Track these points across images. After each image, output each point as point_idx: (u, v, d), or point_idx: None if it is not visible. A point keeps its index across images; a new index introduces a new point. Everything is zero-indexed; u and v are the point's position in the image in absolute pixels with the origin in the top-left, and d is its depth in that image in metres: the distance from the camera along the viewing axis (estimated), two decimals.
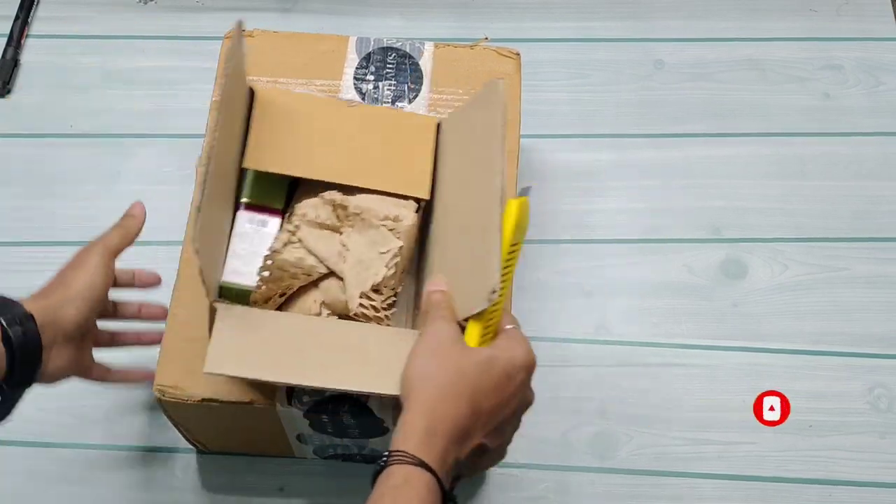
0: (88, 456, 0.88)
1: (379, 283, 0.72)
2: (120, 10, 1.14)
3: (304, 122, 0.78)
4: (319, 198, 0.75)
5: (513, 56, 0.87)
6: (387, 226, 0.74)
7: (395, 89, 0.84)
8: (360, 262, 0.72)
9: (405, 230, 0.73)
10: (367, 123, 0.80)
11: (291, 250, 0.72)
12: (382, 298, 0.72)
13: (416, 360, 0.62)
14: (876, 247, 0.97)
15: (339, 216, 0.74)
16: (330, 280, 0.73)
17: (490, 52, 0.87)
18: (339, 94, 0.84)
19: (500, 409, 0.61)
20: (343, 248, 0.73)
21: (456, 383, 0.59)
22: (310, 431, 0.76)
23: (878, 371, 0.91)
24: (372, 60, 0.86)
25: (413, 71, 0.85)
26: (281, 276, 0.72)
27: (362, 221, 0.74)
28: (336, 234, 0.74)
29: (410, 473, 0.56)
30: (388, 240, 0.73)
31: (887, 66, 1.09)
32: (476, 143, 0.73)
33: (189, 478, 0.87)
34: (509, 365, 0.61)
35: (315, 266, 0.72)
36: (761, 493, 0.86)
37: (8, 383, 0.65)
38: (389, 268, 0.72)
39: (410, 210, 0.75)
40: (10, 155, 1.04)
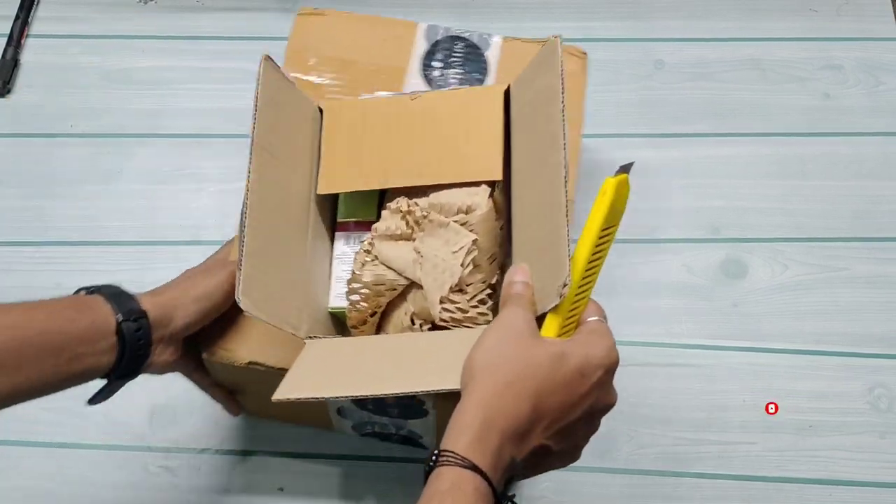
0: (88, 456, 0.88)
1: (457, 283, 0.69)
2: (120, 10, 1.14)
3: (371, 131, 0.77)
4: (388, 209, 0.74)
5: (579, 55, 0.87)
6: (459, 220, 0.70)
7: (461, 78, 0.85)
8: (435, 267, 0.70)
9: (478, 220, 0.70)
10: (432, 112, 0.77)
11: (370, 268, 0.72)
12: (468, 297, 0.69)
13: (480, 349, 0.57)
14: (876, 247, 0.97)
15: (408, 223, 0.72)
16: (415, 290, 0.72)
17: None
18: (404, 77, 0.84)
19: (569, 410, 0.56)
20: (417, 255, 0.71)
21: (519, 377, 0.55)
22: (351, 407, 0.77)
23: (878, 371, 0.91)
24: (440, 48, 0.87)
25: (479, 62, 0.86)
26: (366, 297, 0.72)
27: (430, 223, 0.71)
28: (409, 241, 0.72)
29: (459, 477, 0.52)
30: (460, 236, 0.70)
31: (887, 66, 1.09)
32: (538, 112, 0.69)
33: (189, 478, 0.87)
34: (584, 362, 0.56)
35: (395, 279, 0.71)
36: (761, 493, 0.86)
37: (114, 374, 0.67)
38: (465, 266, 0.69)
39: (483, 197, 0.71)
40: (10, 155, 1.04)
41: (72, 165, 1.03)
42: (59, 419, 0.89)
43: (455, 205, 0.71)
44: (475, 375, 0.55)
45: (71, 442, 0.88)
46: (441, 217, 0.71)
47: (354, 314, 0.72)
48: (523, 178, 0.70)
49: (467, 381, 0.56)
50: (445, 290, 0.69)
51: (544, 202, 0.64)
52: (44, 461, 0.87)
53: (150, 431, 0.89)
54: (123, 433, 0.88)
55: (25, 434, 0.89)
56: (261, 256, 0.67)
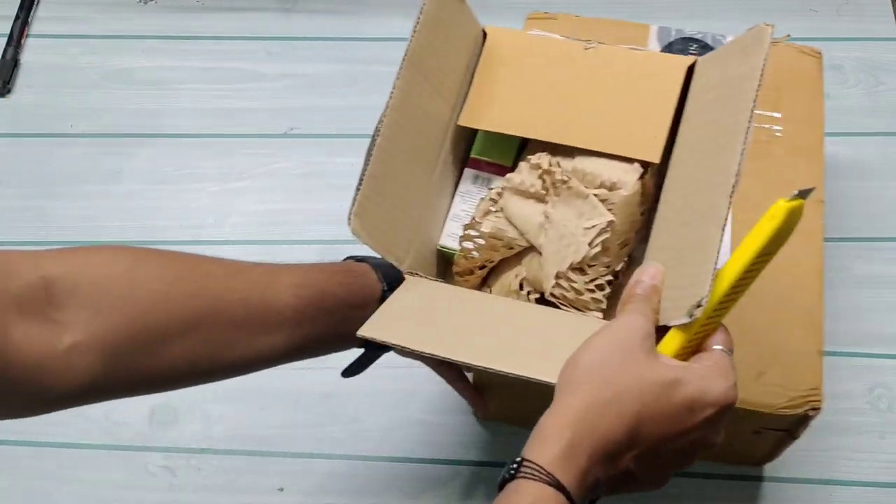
0: (89, 456, 0.88)
1: (580, 261, 0.63)
2: (120, 10, 1.14)
3: (532, 71, 0.70)
4: (527, 161, 0.67)
5: (814, 55, 0.87)
6: (600, 195, 0.64)
7: None
8: (561, 238, 0.64)
9: (621, 201, 0.63)
10: (604, 69, 0.69)
11: (492, 219, 0.67)
12: (587, 280, 0.64)
13: (586, 352, 0.52)
14: (876, 247, 0.97)
15: (545, 183, 0.66)
16: (533, 255, 0.66)
17: (791, 49, 0.87)
18: None
19: (666, 442, 0.51)
20: (545, 219, 0.65)
21: (623, 396, 0.50)
22: None
23: (878, 371, 0.91)
24: (674, 49, 0.87)
25: None
26: (480, 248, 0.67)
27: (569, 190, 0.65)
28: (541, 203, 0.66)
29: (542, 494, 0.48)
30: (597, 212, 0.63)
31: (887, 66, 1.09)
32: (723, 101, 0.61)
33: (189, 478, 0.87)
34: (698, 396, 0.50)
35: (515, 238, 0.66)
36: (761, 493, 0.86)
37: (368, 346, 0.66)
38: (594, 245, 0.63)
39: (633, 176, 0.64)
40: (10, 155, 1.04)
41: (72, 165, 1.03)
42: (60, 419, 0.89)
43: (600, 177, 0.65)
44: (574, 381, 0.51)
45: (71, 442, 0.88)
46: (581, 187, 0.64)
47: (463, 262, 0.68)
48: (684, 170, 0.62)
49: (565, 384, 0.51)
50: (565, 266, 0.64)
51: (701, 204, 0.57)
52: (44, 461, 0.87)
53: (150, 431, 0.89)
54: (123, 433, 0.88)
55: (25, 434, 0.89)
56: (383, 179, 0.62)
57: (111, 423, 0.89)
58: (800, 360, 0.74)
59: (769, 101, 0.85)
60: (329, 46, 1.11)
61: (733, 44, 0.64)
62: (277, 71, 1.10)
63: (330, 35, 1.12)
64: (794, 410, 0.72)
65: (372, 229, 0.61)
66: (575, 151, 0.67)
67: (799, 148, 0.83)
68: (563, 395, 0.51)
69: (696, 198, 0.58)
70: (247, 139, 1.05)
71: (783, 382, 0.73)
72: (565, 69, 0.70)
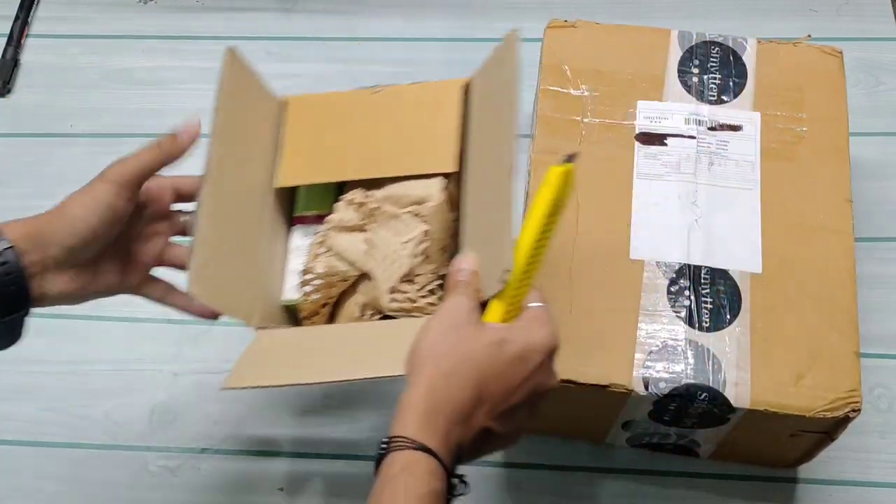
0: (88, 456, 0.88)
1: (407, 273, 0.70)
2: (120, 10, 1.14)
3: (332, 124, 0.78)
4: (343, 200, 0.75)
5: (836, 54, 0.88)
6: (412, 211, 0.72)
7: (720, 83, 0.86)
8: (385, 258, 0.71)
9: (431, 211, 0.71)
10: (392, 106, 0.78)
11: (323, 260, 0.73)
12: (418, 287, 0.71)
13: (423, 337, 0.59)
14: (876, 247, 0.97)
15: (362, 215, 0.74)
16: (366, 281, 0.73)
17: (813, 50, 0.88)
18: (663, 84, 0.86)
19: (510, 394, 0.58)
20: (369, 245, 0.73)
21: (462, 363, 0.57)
22: (643, 418, 0.78)
23: (878, 371, 0.91)
24: (696, 54, 0.88)
25: (737, 65, 0.87)
26: (319, 288, 0.73)
27: (383, 214, 0.73)
28: (362, 232, 0.73)
29: (411, 459, 0.54)
30: (411, 226, 0.71)
31: (887, 66, 1.09)
32: (492, 106, 0.71)
33: (189, 478, 0.87)
34: (525, 347, 0.58)
35: (347, 270, 0.73)
36: (761, 493, 0.86)
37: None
38: (416, 255, 0.71)
39: (437, 188, 0.72)
40: (10, 155, 1.04)
41: (72, 165, 1.03)
42: (59, 419, 0.89)
43: (409, 196, 0.72)
44: (418, 363, 0.58)
45: (71, 442, 0.88)
46: (393, 208, 0.72)
47: (307, 305, 0.73)
48: (475, 170, 0.72)
49: (412, 368, 0.58)
50: (395, 280, 0.70)
51: (491, 193, 0.66)
52: (44, 461, 0.87)
53: (150, 431, 0.89)
54: (123, 433, 0.88)
55: (25, 434, 0.89)
56: (213, 246, 0.67)
57: (111, 423, 0.89)
58: (838, 362, 0.74)
59: (793, 101, 0.85)
60: (329, 46, 1.11)
61: (493, 57, 0.74)
62: (277, 71, 1.09)
63: (330, 35, 1.12)
64: (834, 413, 0.72)
65: (214, 292, 0.66)
66: (384, 182, 0.74)
67: (825, 147, 0.83)
68: (412, 376, 0.57)
69: (487, 188, 0.68)
70: None
71: (822, 384, 0.73)
72: (360, 115, 0.78)
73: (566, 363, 0.73)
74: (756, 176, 0.82)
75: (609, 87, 0.86)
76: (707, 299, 0.77)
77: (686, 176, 0.82)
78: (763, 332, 0.75)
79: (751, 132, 0.84)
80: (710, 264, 0.78)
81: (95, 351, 0.92)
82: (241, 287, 0.70)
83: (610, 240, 0.79)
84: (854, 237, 0.79)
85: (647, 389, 0.73)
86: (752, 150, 0.83)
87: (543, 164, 0.82)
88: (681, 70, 0.87)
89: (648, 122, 0.85)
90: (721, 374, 0.74)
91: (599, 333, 0.76)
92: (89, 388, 0.91)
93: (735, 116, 0.85)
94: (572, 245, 0.79)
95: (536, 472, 0.87)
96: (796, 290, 0.77)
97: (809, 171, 0.82)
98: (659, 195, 0.81)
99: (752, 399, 0.73)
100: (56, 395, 0.90)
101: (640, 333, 0.76)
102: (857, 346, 0.75)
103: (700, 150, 0.83)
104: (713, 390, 0.73)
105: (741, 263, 0.78)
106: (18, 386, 0.91)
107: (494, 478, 0.86)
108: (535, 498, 0.85)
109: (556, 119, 0.85)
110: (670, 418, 0.77)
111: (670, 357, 0.75)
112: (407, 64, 1.09)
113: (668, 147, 0.83)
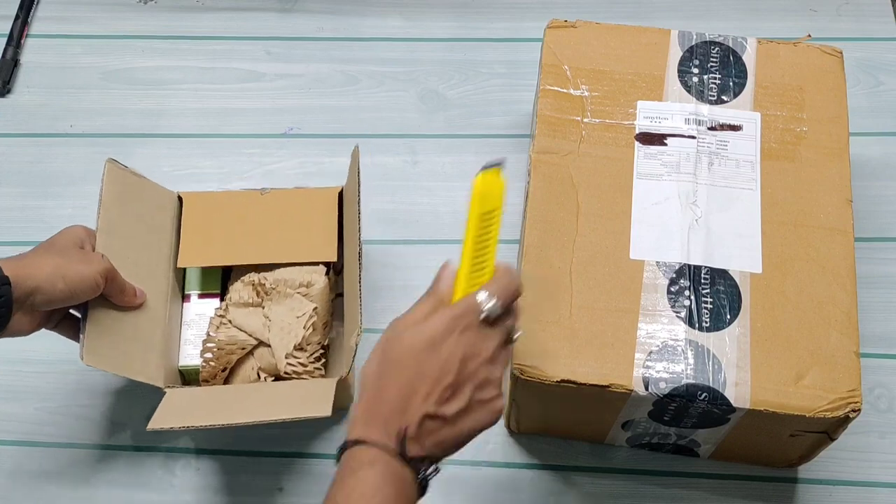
0: (88, 456, 0.88)
1: (300, 342, 0.83)
2: (120, 10, 1.14)
3: (226, 217, 0.91)
4: (241, 281, 0.87)
5: (835, 54, 0.88)
6: (301, 293, 0.86)
7: (720, 83, 0.86)
8: (281, 329, 0.84)
9: (317, 293, 0.86)
10: (278, 206, 0.91)
11: (224, 330, 0.85)
12: (307, 354, 0.84)
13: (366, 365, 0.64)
14: (876, 247, 0.97)
15: (258, 293, 0.86)
16: (262, 349, 0.85)
17: (813, 49, 0.88)
18: (663, 84, 0.86)
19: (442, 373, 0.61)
20: (266, 319, 0.85)
21: (386, 362, 0.62)
22: (643, 418, 0.78)
23: (878, 371, 0.91)
24: (696, 54, 0.88)
25: (737, 65, 0.87)
26: (219, 355, 0.84)
27: (279, 293, 0.86)
28: (259, 308, 0.86)
29: (356, 454, 0.59)
30: (303, 305, 0.85)
31: (887, 66, 1.09)
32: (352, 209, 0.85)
33: (188, 478, 0.87)
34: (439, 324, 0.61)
35: (246, 339, 0.85)
36: (761, 493, 0.86)
37: None
38: (307, 328, 0.84)
39: (321, 274, 0.87)
40: (10, 155, 1.04)
41: (72, 165, 1.03)
42: (59, 419, 0.89)
43: (298, 280, 0.86)
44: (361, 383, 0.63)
45: (71, 442, 0.88)
46: (286, 289, 0.85)
47: (207, 369, 0.85)
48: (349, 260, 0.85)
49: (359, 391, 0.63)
50: (290, 348, 0.83)
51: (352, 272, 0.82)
52: (44, 461, 0.87)
53: (150, 431, 0.88)
54: (123, 433, 0.88)
55: (25, 434, 0.89)
56: (105, 322, 0.79)
57: (111, 423, 0.89)
58: (838, 362, 0.74)
59: (793, 101, 0.85)
60: (329, 46, 1.11)
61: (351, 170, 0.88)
62: (277, 71, 1.10)
63: (330, 35, 1.12)
64: (834, 413, 0.72)
65: (109, 360, 0.78)
66: (273, 267, 0.88)
67: (825, 147, 0.83)
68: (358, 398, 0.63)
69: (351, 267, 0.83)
70: (246, 139, 1.05)
71: (822, 384, 0.73)
72: (251, 211, 0.91)
73: (566, 363, 0.74)
74: (756, 176, 0.82)
75: (609, 87, 0.86)
76: (707, 299, 0.77)
77: (686, 176, 0.82)
78: (763, 332, 0.75)
79: (751, 132, 0.84)
80: (710, 264, 0.78)
81: None
82: (140, 354, 0.81)
83: (610, 240, 0.79)
84: (854, 237, 0.79)
85: (647, 389, 0.73)
86: (752, 150, 0.83)
87: (543, 163, 0.82)
88: (681, 70, 0.87)
89: (648, 122, 0.85)
90: (721, 374, 0.74)
91: (599, 333, 0.76)
92: (89, 388, 0.91)
93: (735, 116, 0.85)
94: (572, 245, 0.79)
95: (536, 472, 0.87)
96: (796, 290, 0.77)
97: (809, 171, 0.82)
98: (659, 195, 0.81)
99: (752, 399, 0.73)
100: (56, 395, 0.90)
101: (640, 333, 0.76)
102: (857, 346, 0.75)
103: (700, 150, 0.83)
104: (713, 390, 0.73)
105: (741, 263, 0.78)
106: (18, 386, 0.91)
107: (494, 478, 0.86)
108: (535, 498, 0.85)
109: (556, 119, 0.85)
110: (670, 418, 0.77)
111: (670, 357, 0.75)
112: (407, 64, 1.09)
113: (668, 147, 0.83)
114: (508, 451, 0.87)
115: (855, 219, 0.80)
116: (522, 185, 0.87)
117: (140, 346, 0.82)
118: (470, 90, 1.07)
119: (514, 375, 0.75)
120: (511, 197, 0.68)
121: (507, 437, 0.88)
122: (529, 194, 0.82)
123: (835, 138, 0.84)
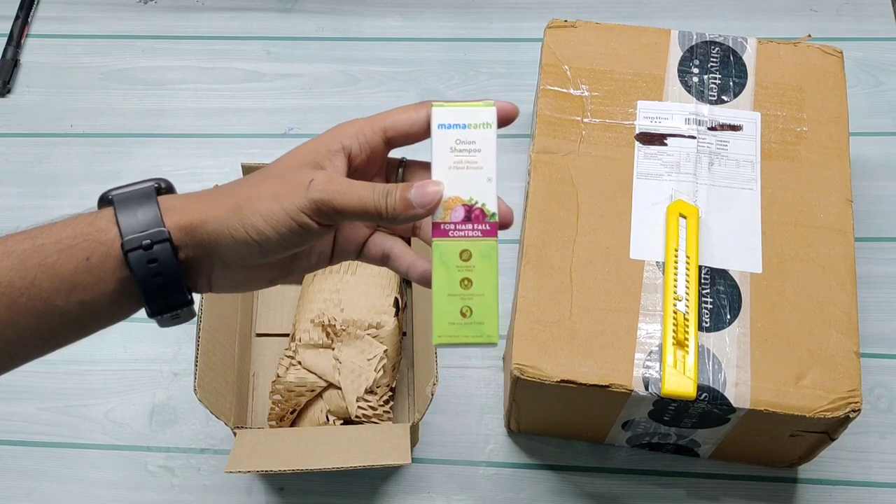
0: (89, 456, 0.88)
1: (371, 385, 0.83)
2: (120, 10, 1.14)
3: None
4: (310, 322, 0.87)
5: (835, 54, 0.88)
6: (371, 334, 0.85)
7: (720, 83, 0.86)
8: (352, 371, 0.84)
9: (387, 335, 0.86)
10: None
11: (293, 372, 0.85)
12: (378, 397, 0.84)
13: None
14: (876, 247, 0.97)
15: (328, 334, 0.86)
16: (331, 391, 0.85)
17: (813, 49, 0.88)
18: (664, 85, 0.86)
19: None
20: (336, 361, 0.85)
21: None
22: (643, 418, 0.78)
23: (878, 371, 0.91)
24: (696, 54, 0.88)
25: (737, 65, 0.87)
26: (288, 397, 0.84)
27: (348, 335, 0.85)
28: (329, 350, 0.85)
29: None
30: (374, 347, 0.85)
31: (887, 66, 1.09)
32: None
33: (189, 478, 0.87)
34: None
35: (316, 381, 0.85)
36: (761, 493, 0.86)
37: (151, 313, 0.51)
38: (378, 371, 0.84)
39: (390, 315, 0.87)
40: (10, 155, 1.04)
41: (72, 165, 1.03)
42: (59, 419, 0.89)
43: (367, 321, 0.86)
44: None
45: (71, 442, 0.88)
46: (357, 330, 0.85)
47: (276, 411, 0.85)
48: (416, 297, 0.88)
49: None
50: (361, 391, 0.83)
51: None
52: (44, 461, 0.87)
53: (150, 431, 0.89)
54: (123, 433, 0.88)
55: (25, 434, 0.89)
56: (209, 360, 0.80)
57: (111, 423, 0.89)
58: (838, 362, 0.74)
59: (793, 101, 0.86)
60: (329, 46, 1.11)
61: None
62: (277, 71, 1.10)
63: (330, 35, 1.12)
64: (834, 413, 0.72)
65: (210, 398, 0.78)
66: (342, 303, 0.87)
67: (825, 147, 0.83)
68: None
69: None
70: (246, 139, 1.05)
71: (822, 384, 0.73)
72: None
73: (566, 363, 0.74)
74: (756, 176, 0.82)
75: (609, 87, 0.87)
76: (707, 299, 0.77)
77: (686, 176, 0.82)
78: (763, 332, 0.75)
79: (751, 132, 0.84)
80: (710, 264, 0.78)
81: (95, 351, 0.92)
82: (224, 393, 0.82)
83: (610, 240, 0.79)
84: (854, 237, 0.79)
85: (647, 389, 0.73)
86: (753, 150, 0.83)
87: (543, 163, 0.82)
88: (681, 70, 0.87)
89: (648, 122, 0.85)
90: (721, 374, 0.74)
91: (599, 333, 0.76)
92: (89, 388, 0.91)
93: (735, 116, 0.85)
94: (572, 245, 0.79)
95: (536, 472, 0.87)
96: (796, 290, 0.77)
97: (810, 170, 0.82)
98: (659, 195, 0.81)
99: (753, 399, 0.73)
100: (56, 395, 0.90)
101: (640, 333, 0.76)
102: (857, 346, 0.75)
103: (700, 150, 0.83)
104: (713, 390, 0.73)
105: (741, 263, 0.78)
106: (18, 386, 0.91)
107: (494, 478, 0.86)
108: (535, 498, 0.85)
109: (556, 119, 0.85)
110: (670, 418, 0.77)
111: None
112: (407, 64, 1.09)
113: (668, 147, 0.83)
114: (508, 451, 0.87)
115: (855, 219, 0.80)
116: (522, 185, 0.87)
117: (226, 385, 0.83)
118: (470, 90, 1.07)
119: (514, 375, 0.75)
120: (511, 197, 0.68)
121: (507, 437, 0.88)
122: (529, 194, 0.82)
123: (835, 138, 0.84)
